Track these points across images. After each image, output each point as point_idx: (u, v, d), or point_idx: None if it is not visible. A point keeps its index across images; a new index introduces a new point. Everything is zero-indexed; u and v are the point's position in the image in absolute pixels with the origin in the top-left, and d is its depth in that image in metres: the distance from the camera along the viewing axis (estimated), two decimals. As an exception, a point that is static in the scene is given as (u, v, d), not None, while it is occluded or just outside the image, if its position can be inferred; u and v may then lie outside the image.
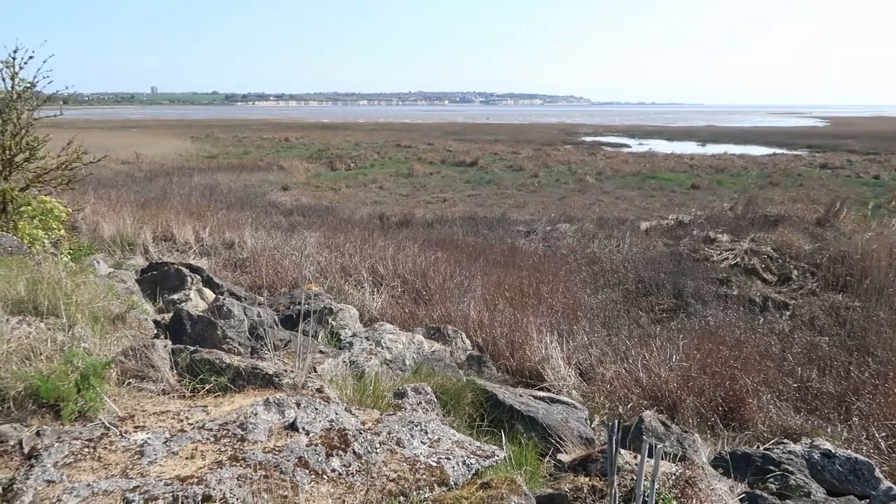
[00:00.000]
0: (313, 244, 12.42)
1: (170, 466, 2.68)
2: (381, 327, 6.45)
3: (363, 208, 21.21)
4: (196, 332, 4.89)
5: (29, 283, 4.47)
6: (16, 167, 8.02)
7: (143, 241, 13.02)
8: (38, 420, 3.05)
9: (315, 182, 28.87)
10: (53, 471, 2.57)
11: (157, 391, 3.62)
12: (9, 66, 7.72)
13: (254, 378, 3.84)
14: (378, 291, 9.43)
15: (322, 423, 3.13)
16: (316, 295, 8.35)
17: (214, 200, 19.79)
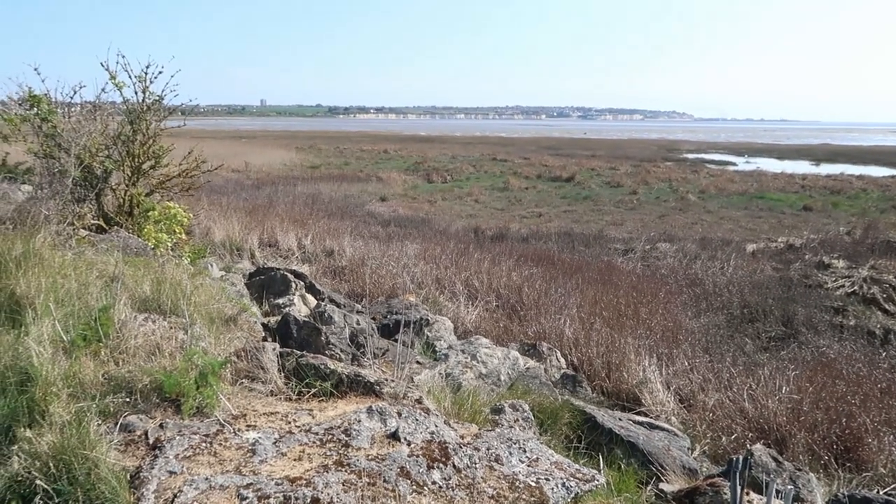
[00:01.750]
0: (410, 255, 12.63)
1: (279, 466, 2.78)
2: (477, 341, 6.46)
3: (458, 221, 21.38)
4: (301, 337, 5.07)
5: (154, 283, 4.79)
6: (142, 174, 8.63)
7: (250, 247, 13.68)
8: (160, 413, 3.25)
9: (412, 194, 29.39)
10: (175, 463, 2.73)
11: (265, 392, 3.77)
12: (141, 80, 8.34)
13: (356, 385, 3.94)
14: (473, 304, 9.46)
15: (423, 435, 3.16)
16: (412, 305, 8.48)
17: (316, 209, 20.53)
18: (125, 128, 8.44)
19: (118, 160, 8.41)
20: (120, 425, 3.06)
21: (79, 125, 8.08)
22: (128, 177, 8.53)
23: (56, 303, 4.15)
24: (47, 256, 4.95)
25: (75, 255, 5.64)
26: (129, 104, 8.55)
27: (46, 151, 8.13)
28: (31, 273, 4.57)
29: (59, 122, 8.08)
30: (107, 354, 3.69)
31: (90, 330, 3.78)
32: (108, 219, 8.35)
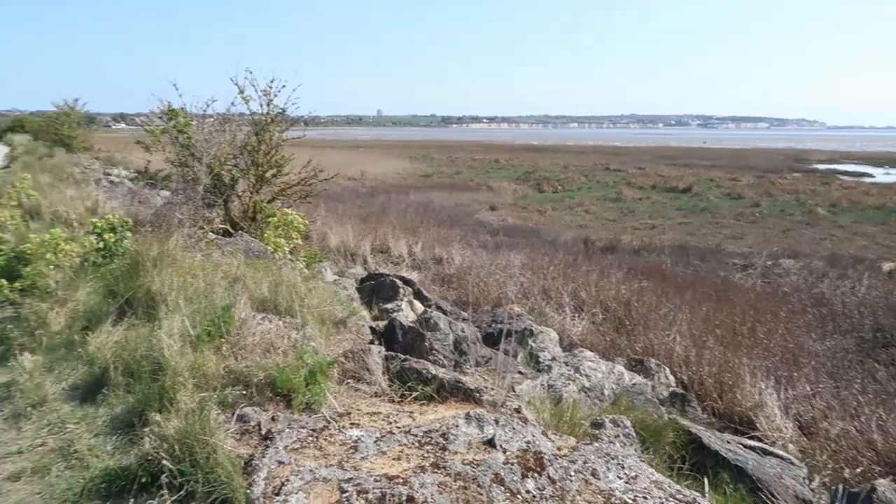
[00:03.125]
0: (517, 265, 12.62)
1: (379, 464, 2.90)
2: (581, 354, 6.38)
3: (568, 231, 21.14)
4: (406, 342, 5.22)
5: (271, 285, 5.10)
6: (265, 182, 9.18)
7: (363, 252, 14.18)
8: (273, 406, 3.47)
9: (522, 203, 29.36)
10: (284, 454, 2.91)
11: (370, 393, 3.92)
12: (266, 93, 8.89)
13: (456, 391, 4.01)
14: (579, 317, 9.33)
15: (519, 444, 3.18)
16: (517, 315, 8.48)
17: (427, 217, 20.96)
18: (251, 138, 9.02)
19: (244, 169, 9.00)
20: (237, 416, 3.29)
21: (210, 136, 8.74)
22: (252, 184, 9.10)
23: (185, 300, 4.52)
24: (179, 257, 5.39)
25: (204, 257, 6.11)
26: (255, 116, 9.13)
27: (182, 160, 8.84)
28: (165, 272, 5.00)
29: (193, 133, 8.77)
30: (227, 349, 3.97)
31: (214, 326, 4.09)
32: (234, 223, 8.95)
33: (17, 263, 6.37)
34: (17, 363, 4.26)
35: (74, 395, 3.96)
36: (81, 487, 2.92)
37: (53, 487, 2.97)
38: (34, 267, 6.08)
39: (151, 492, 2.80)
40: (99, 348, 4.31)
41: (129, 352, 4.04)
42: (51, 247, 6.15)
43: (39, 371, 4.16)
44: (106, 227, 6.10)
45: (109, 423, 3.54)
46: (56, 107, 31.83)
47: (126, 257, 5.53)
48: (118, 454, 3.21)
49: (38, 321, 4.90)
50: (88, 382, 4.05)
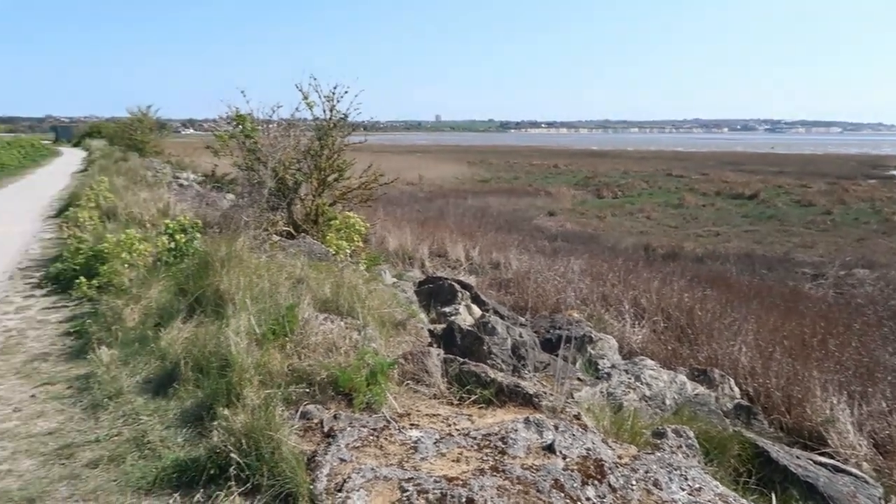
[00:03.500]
0: (576, 270, 12.49)
1: (438, 465, 2.92)
2: (642, 362, 6.26)
3: (628, 238, 20.78)
4: (464, 345, 5.23)
5: (333, 286, 5.20)
6: (327, 186, 9.38)
7: (421, 256, 14.29)
8: (335, 405, 3.54)
9: (580, 209, 29.03)
10: (346, 451, 2.97)
11: (428, 395, 3.95)
12: (329, 99, 9.09)
13: (514, 396, 4.00)
14: (639, 324, 9.16)
15: (578, 450, 3.15)
16: (576, 321, 8.39)
17: (484, 222, 20.95)
18: (314, 143, 9.23)
19: (307, 173, 9.22)
20: (300, 413, 3.37)
21: (275, 141, 8.98)
22: (314, 188, 9.32)
23: (252, 299, 4.66)
24: (246, 258, 5.56)
25: (268, 258, 6.28)
26: (319, 122, 9.34)
27: (248, 165, 9.12)
28: (232, 272, 5.16)
29: (259, 138, 9.03)
30: (291, 348, 4.07)
31: (278, 325, 4.20)
32: (297, 226, 9.17)
33: (94, 262, 6.70)
34: (95, 356, 4.47)
35: (147, 388, 4.13)
36: (154, 477, 3.05)
37: (128, 475, 3.11)
38: (110, 265, 6.37)
39: (219, 483, 2.89)
40: (170, 344, 4.49)
41: (199, 348, 4.19)
42: (126, 246, 6.44)
43: (115, 364, 4.36)
44: (177, 228, 6.35)
45: (180, 416, 3.68)
46: (130, 113, 33.31)
47: (196, 257, 5.73)
48: (188, 446, 3.33)
49: (114, 317, 5.14)
50: (160, 376, 4.22)
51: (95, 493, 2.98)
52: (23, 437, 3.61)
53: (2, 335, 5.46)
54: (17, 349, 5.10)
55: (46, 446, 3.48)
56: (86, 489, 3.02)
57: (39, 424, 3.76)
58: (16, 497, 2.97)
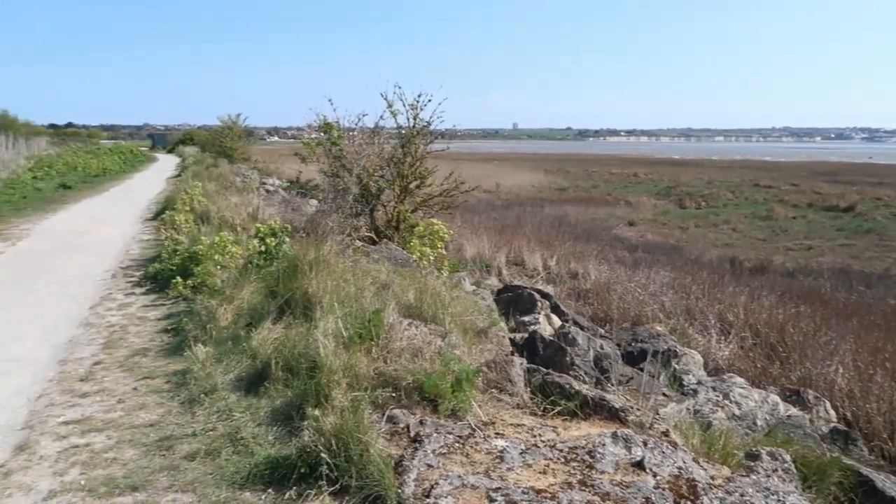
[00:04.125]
0: (657, 282, 12.16)
1: (525, 476, 2.89)
2: (731, 379, 6.02)
3: (713, 250, 20.07)
4: (546, 355, 5.18)
5: (417, 292, 5.25)
6: (409, 193, 9.50)
7: (498, 264, 14.25)
8: (420, 410, 3.57)
9: (662, 219, 28.26)
10: (432, 457, 2.98)
11: (512, 404, 3.92)
12: (413, 107, 9.22)
13: (599, 409, 3.92)
14: (725, 340, 8.81)
15: (670, 469, 3.05)
16: (659, 335, 8.17)
17: (562, 231, 20.71)
18: (397, 151, 9.38)
19: (390, 180, 9.38)
20: (386, 416, 3.42)
21: (360, 148, 9.18)
22: (397, 195, 9.46)
23: (339, 303, 4.76)
24: (332, 262, 5.70)
25: (352, 263, 6.41)
26: (402, 129, 9.49)
27: (334, 171, 9.36)
28: (320, 276, 5.30)
29: (345, 146, 9.26)
30: (377, 352, 4.14)
31: (364, 329, 4.27)
32: (378, 232, 9.33)
33: (189, 263, 7.03)
34: (191, 353, 4.68)
35: (239, 385, 4.29)
36: (248, 472, 3.16)
37: (223, 469, 3.23)
38: (204, 266, 6.67)
39: (309, 482, 2.97)
40: (261, 344, 4.65)
41: (288, 348, 4.32)
42: (219, 249, 6.72)
43: (210, 361, 4.55)
44: (268, 231, 6.58)
45: (270, 414, 3.80)
46: (221, 121, 34.85)
47: (285, 260, 5.92)
48: (279, 444, 3.43)
49: (208, 316, 5.37)
50: (251, 375, 4.37)
51: (193, 485, 3.11)
52: (126, 427, 3.81)
53: (107, 330, 5.80)
54: (120, 344, 5.41)
55: (148, 437, 3.67)
56: (184, 480, 3.16)
57: (141, 416, 3.97)
58: (121, 484, 3.14)
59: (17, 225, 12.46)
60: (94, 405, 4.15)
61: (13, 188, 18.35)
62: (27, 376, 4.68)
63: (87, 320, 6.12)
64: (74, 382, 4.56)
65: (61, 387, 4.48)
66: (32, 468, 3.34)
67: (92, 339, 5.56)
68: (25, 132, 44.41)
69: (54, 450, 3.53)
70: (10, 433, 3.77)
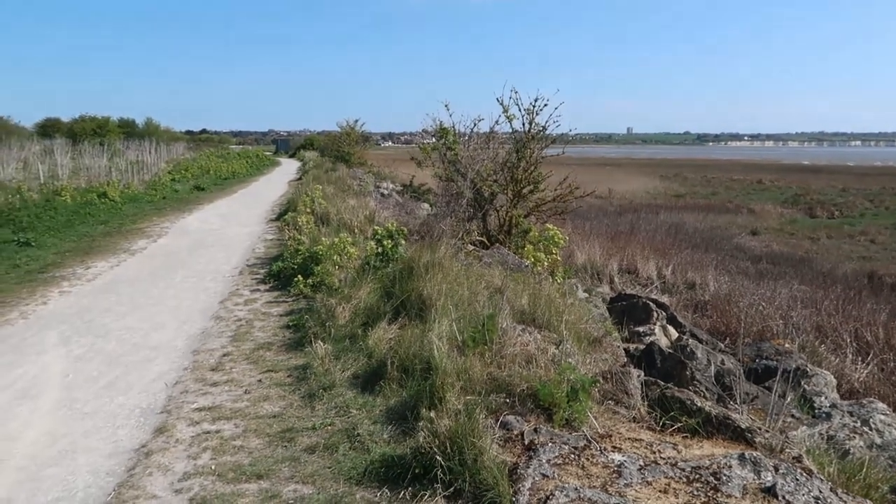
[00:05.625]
0: (784, 296, 11.41)
1: (644, 494, 2.78)
2: (871, 405, 5.54)
3: (847, 263, 18.58)
4: (665, 368, 4.98)
5: (530, 298, 5.20)
6: (522, 198, 9.45)
7: (610, 272, 13.89)
8: (534, 418, 3.52)
9: (789, 229, 26.52)
10: (547, 467, 2.93)
11: (628, 417, 3.79)
12: (529, 111, 9.15)
13: (723, 428, 3.70)
14: (863, 361, 8.13)
15: (805, 498, 2.84)
16: (787, 352, 7.65)
17: (678, 239, 19.89)
18: (511, 155, 9.35)
19: (503, 184, 9.36)
20: (500, 422, 3.39)
21: (475, 153, 9.23)
22: (509, 199, 9.43)
23: (453, 306, 4.80)
24: (447, 265, 5.75)
25: (465, 267, 6.45)
26: (517, 134, 9.45)
27: (448, 175, 9.46)
28: (434, 279, 5.37)
29: (459, 150, 9.34)
30: (490, 357, 4.13)
31: (478, 333, 4.28)
32: (490, 236, 9.34)
33: (310, 262, 7.33)
34: (311, 349, 4.87)
35: (356, 383, 4.42)
36: (364, 468, 3.24)
37: (341, 464, 3.33)
38: (324, 266, 6.93)
39: (423, 484, 2.99)
40: (377, 343, 4.77)
41: (403, 349, 4.40)
42: (338, 249, 6.96)
43: (329, 358, 4.71)
44: (385, 234, 6.74)
45: (385, 413, 3.88)
46: (340, 127, 36.23)
47: (400, 263, 6.04)
48: (393, 443, 3.50)
49: (327, 314, 5.57)
50: (368, 373, 4.49)
51: (313, 478, 3.23)
52: (252, 417, 4.02)
53: (234, 324, 6.15)
54: (246, 337, 5.72)
55: (271, 428, 3.84)
56: (305, 472, 3.28)
57: (265, 407, 4.17)
58: (247, 472, 3.31)
59: (157, 223, 13.52)
60: (224, 394, 4.40)
61: (154, 189, 19.92)
62: (166, 363, 5.05)
63: (217, 314, 6.53)
64: (206, 372, 4.86)
65: (194, 375, 4.79)
66: (170, 450, 3.59)
67: (221, 331, 5.92)
68: (166, 138, 48.19)
69: (188, 434, 3.78)
70: (151, 416, 4.08)
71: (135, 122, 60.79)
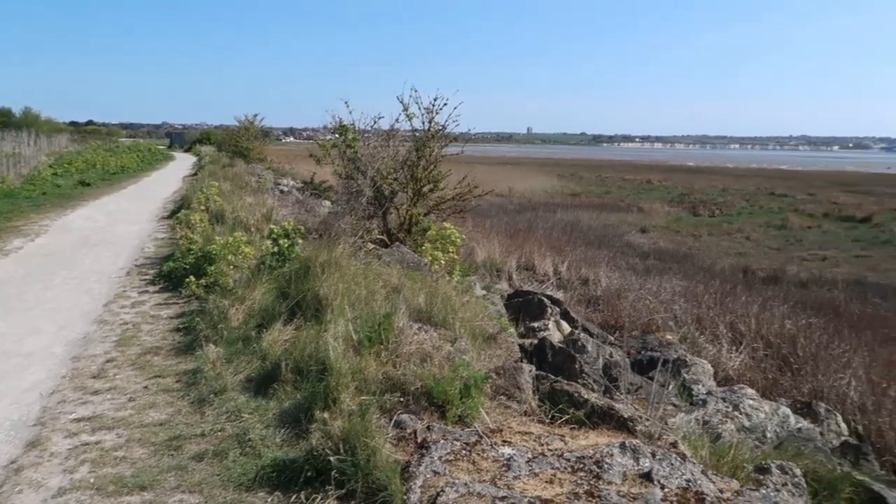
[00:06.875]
0: (669, 290, 12.09)
1: (531, 485, 2.89)
2: (741, 390, 5.98)
3: (725, 259, 19.94)
4: (556, 362, 5.17)
5: (427, 296, 5.26)
6: (422, 196, 9.51)
7: (509, 269, 14.20)
8: (427, 416, 3.57)
9: (675, 226, 28.12)
10: (439, 464, 2.99)
11: (519, 411, 3.92)
12: (429, 111, 9.23)
13: (608, 418, 3.90)
14: (736, 350, 8.75)
15: (678, 481, 3.04)
16: (669, 343, 8.13)
17: (574, 237, 20.62)
18: (412, 154, 9.40)
19: (403, 183, 9.39)
20: (394, 421, 3.43)
21: (375, 151, 9.21)
22: (410, 198, 9.47)
23: (349, 305, 4.78)
24: (344, 264, 5.72)
25: (364, 265, 6.43)
26: (417, 133, 9.51)
27: (348, 173, 9.39)
28: (331, 278, 5.33)
29: (359, 148, 9.29)
30: (386, 356, 4.15)
31: (375, 333, 4.29)
32: (390, 234, 9.35)
33: (203, 262, 7.08)
34: (202, 353, 4.72)
35: (249, 386, 4.32)
36: (255, 474, 3.17)
37: (230, 471, 3.25)
38: (217, 266, 6.71)
39: (316, 486, 2.98)
40: (271, 345, 4.68)
41: (298, 350, 4.34)
42: (233, 249, 6.76)
43: (220, 362, 4.58)
44: (281, 233, 6.61)
45: (279, 416, 3.82)
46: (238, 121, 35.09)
47: (297, 262, 5.94)
48: (286, 446, 3.45)
49: (219, 316, 5.40)
50: (261, 375, 4.39)
51: (200, 486, 3.13)
52: (136, 426, 3.84)
53: (119, 328, 5.85)
54: (132, 341, 5.45)
55: (157, 436, 3.69)
56: (192, 481, 3.18)
57: (151, 415, 4.00)
58: (130, 484, 3.17)
59: (35, 221, 12.60)
60: (106, 403, 4.19)
61: (33, 184, 18.56)
62: (41, 371, 4.74)
63: (101, 317, 6.18)
64: (87, 379, 4.60)
65: (74, 383, 4.52)
66: (43, 465, 3.38)
67: (105, 336, 5.61)
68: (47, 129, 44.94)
69: (65, 447, 3.57)
70: (22, 429, 3.82)
71: (11, 112, 56.32)
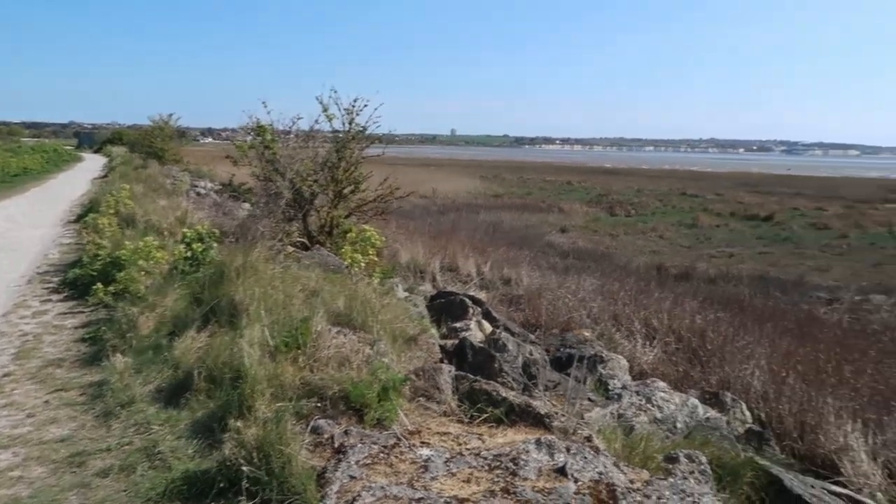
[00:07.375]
0: (587, 288, 12.44)
1: (448, 485, 2.91)
2: (654, 384, 6.22)
3: (640, 257, 20.70)
4: (476, 362, 5.22)
5: (347, 299, 5.21)
6: (343, 198, 9.42)
7: (432, 270, 14.25)
8: (346, 420, 3.54)
9: (593, 226, 28.97)
10: (356, 468, 2.96)
11: (439, 412, 3.94)
12: (349, 112, 9.15)
13: (526, 415, 3.98)
14: (650, 345, 9.09)
15: (591, 474, 3.13)
16: (587, 340, 8.36)
17: (496, 237, 20.93)
18: (332, 155, 9.29)
19: (323, 184, 9.27)
20: (311, 427, 3.38)
21: (294, 152, 9.04)
22: (330, 200, 9.36)
23: (266, 311, 4.68)
24: (261, 268, 5.59)
25: (283, 269, 6.30)
26: (337, 134, 9.41)
27: (266, 175, 9.18)
28: (247, 282, 5.20)
29: (278, 149, 9.10)
30: (304, 361, 4.09)
31: (292, 337, 4.21)
32: (311, 237, 9.21)
33: (112, 268, 6.77)
34: (109, 364, 4.51)
35: (159, 397, 4.16)
36: (164, 488, 3.06)
37: (138, 486, 3.12)
38: (127, 272, 6.43)
39: (228, 497, 2.90)
40: (184, 353, 4.52)
41: (212, 358, 4.21)
42: (144, 254, 6.50)
43: (129, 372, 4.39)
44: (195, 236, 6.40)
45: (191, 427, 3.70)
46: (152, 121, 33.71)
47: (211, 267, 5.77)
48: (198, 458, 3.34)
49: (128, 324, 5.18)
50: (173, 385, 4.24)
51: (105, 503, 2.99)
52: (35, 443, 3.63)
53: (19, 339, 5.52)
54: (32, 354, 5.15)
55: (58, 453, 3.51)
56: (96, 499, 3.04)
57: (52, 431, 3.79)
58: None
59: (-78, 226, 11.72)
60: (1, 420, 3.94)
61: (-81, 187, 17.28)
62: (-72, 390, 4.41)
63: (-3, 329, 5.81)
64: (-20, 396, 4.32)
65: (-35, 401, 4.23)
66: (-71, 488, 3.15)
67: (2, 349, 5.28)
68: (-64, 127, 41.81)
69: (-46, 469, 3.34)
70: None
71: None
